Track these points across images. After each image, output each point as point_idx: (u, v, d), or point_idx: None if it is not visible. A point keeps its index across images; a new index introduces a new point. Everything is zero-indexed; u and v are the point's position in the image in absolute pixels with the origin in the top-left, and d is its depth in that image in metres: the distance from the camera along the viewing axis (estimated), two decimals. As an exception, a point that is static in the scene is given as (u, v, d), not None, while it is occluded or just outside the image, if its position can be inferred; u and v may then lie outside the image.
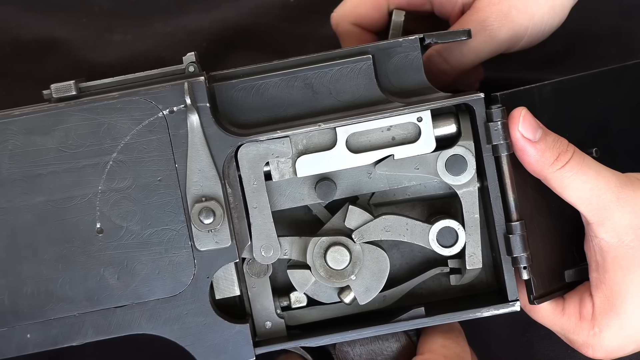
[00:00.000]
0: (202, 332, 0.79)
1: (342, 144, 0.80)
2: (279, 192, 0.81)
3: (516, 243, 0.79)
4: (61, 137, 0.78)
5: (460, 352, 0.82)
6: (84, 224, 0.78)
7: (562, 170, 0.78)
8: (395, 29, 0.88)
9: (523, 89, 0.82)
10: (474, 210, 0.81)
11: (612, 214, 0.79)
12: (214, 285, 0.82)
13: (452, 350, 0.81)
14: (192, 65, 0.80)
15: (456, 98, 0.79)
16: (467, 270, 0.81)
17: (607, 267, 0.80)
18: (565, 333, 0.83)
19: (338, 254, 0.80)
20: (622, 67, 0.89)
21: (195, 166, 0.78)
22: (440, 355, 0.81)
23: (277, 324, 0.83)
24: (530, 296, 0.80)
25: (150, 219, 0.79)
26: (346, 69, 0.81)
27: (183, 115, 0.78)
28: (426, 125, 0.79)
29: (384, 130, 0.80)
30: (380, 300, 0.84)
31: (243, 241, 0.80)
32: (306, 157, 0.80)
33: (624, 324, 0.80)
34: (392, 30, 0.88)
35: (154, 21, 1.04)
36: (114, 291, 0.79)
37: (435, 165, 0.80)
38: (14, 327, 0.79)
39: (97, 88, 0.80)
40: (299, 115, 0.80)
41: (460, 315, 0.81)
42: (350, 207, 0.81)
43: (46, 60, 1.03)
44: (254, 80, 0.80)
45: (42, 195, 0.78)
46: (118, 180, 0.78)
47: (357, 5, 0.92)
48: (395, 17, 0.88)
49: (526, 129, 0.78)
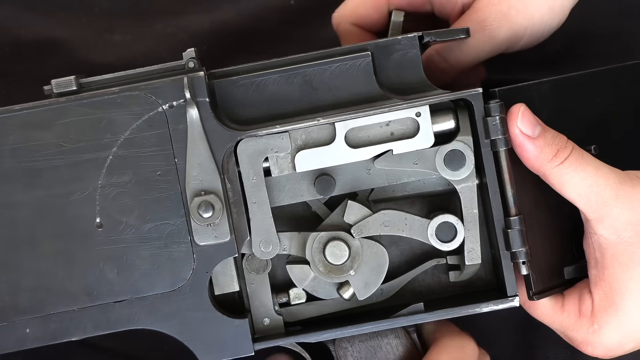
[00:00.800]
0: (201, 327, 0.79)
1: (341, 139, 0.80)
2: (278, 188, 0.81)
3: (515, 238, 0.79)
4: (61, 131, 0.78)
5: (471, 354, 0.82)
6: (83, 219, 0.79)
7: (560, 166, 0.79)
8: (394, 29, 0.88)
9: (521, 86, 0.82)
10: (473, 205, 0.81)
11: (611, 210, 0.79)
12: (213, 281, 0.82)
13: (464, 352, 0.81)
14: (192, 61, 0.80)
15: (454, 93, 0.79)
16: (466, 266, 0.81)
17: (606, 264, 0.80)
18: (565, 330, 0.83)
19: (337, 249, 0.81)
20: (620, 67, 0.89)
21: (195, 160, 0.78)
22: None
23: (275, 320, 0.83)
24: (530, 292, 0.80)
25: (149, 214, 0.79)
26: (345, 66, 0.81)
27: (183, 110, 0.78)
28: (425, 121, 0.80)
29: (382, 126, 0.80)
30: (377, 294, 0.83)
31: (242, 236, 0.80)
32: (305, 152, 0.80)
33: (623, 321, 0.80)
34: (392, 30, 0.88)
35: (154, 22, 1.04)
36: (113, 286, 0.79)
37: (434, 160, 0.80)
38: (13, 321, 0.79)
39: (97, 83, 0.80)
40: (298, 111, 0.81)
41: (459, 310, 0.81)
42: (349, 202, 0.81)
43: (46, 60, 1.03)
44: (253, 77, 0.81)
45: (42, 189, 0.78)
46: (118, 174, 0.79)
47: (357, 5, 0.93)
48: (395, 17, 0.88)
49: (525, 125, 0.78)
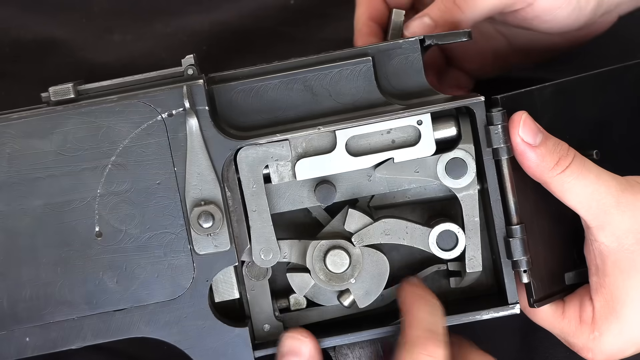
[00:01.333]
0: (201, 335, 0.79)
1: (342, 147, 0.79)
2: (279, 195, 0.81)
3: (516, 247, 0.79)
4: (59, 140, 0.78)
5: None
6: (82, 228, 0.78)
7: (562, 174, 0.78)
8: (395, 29, 0.87)
9: (523, 91, 0.82)
10: (474, 213, 0.80)
11: (612, 218, 0.78)
12: (213, 289, 0.82)
13: None
14: (191, 67, 0.80)
15: (457, 101, 0.79)
16: (467, 274, 0.81)
17: (607, 271, 0.80)
18: (565, 336, 0.83)
19: (337, 257, 0.80)
20: (622, 67, 0.89)
21: (194, 170, 0.78)
22: None
23: (276, 326, 0.83)
24: (530, 299, 0.80)
25: (149, 223, 0.78)
26: (346, 71, 0.80)
27: (182, 119, 0.78)
28: (426, 128, 0.79)
29: (383, 134, 0.80)
30: (378, 300, 0.83)
31: (242, 244, 0.80)
32: (306, 160, 0.79)
33: (624, 328, 0.80)
34: (392, 31, 0.87)
35: (154, 22, 1.04)
36: (113, 295, 0.79)
37: (435, 168, 0.80)
38: (12, 330, 0.79)
39: (95, 91, 0.80)
40: (299, 117, 0.80)
41: (460, 317, 0.80)
42: (350, 210, 0.81)
43: (46, 60, 1.03)
44: (253, 83, 0.80)
45: (40, 198, 0.78)
46: (117, 183, 0.78)
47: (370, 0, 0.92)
48: (395, 17, 0.88)
49: (526, 133, 0.78)
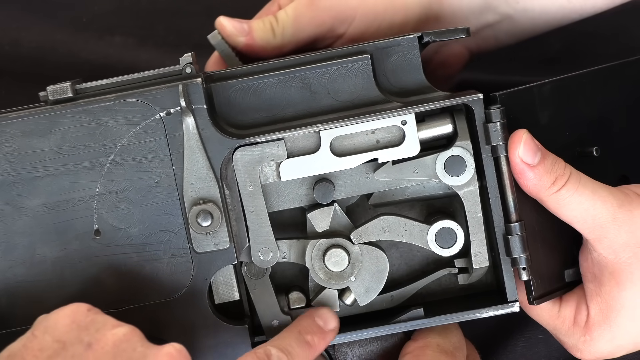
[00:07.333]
0: (200, 334, 0.79)
1: (326, 147, 0.79)
2: (277, 193, 0.81)
3: (515, 244, 0.79)
4: (58, 139, 0.78)
5: (456, 342, 0.81)
6: (81, 227, 0.78)
7: (558, 193, 0.78)
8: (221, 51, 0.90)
9: (522, 88, 0.81)
10: (477, 209, 0.80)
11: (607, 232, 0.79)
12: (213, 290, 0.82)
13: (448, 340, 0.81)
14: (189, 66, 0.80)
15: (455, 99, 0.78)
16: (474, 269, 0.81)
17: (604, 281, 0.80)
18: (557, 334, 0.84)
19: (337, 256, 0.80)
20: (622, 64, 0.88)
21: (192, 168, 0.78)
22: (434, 344, 0.80)
23: (284, 320, 0.82)
24: (530, 297, 0.80)
25: (147, 221, 0.78)
26: (344, 69, 0.80)
27: (180, 117, 0.78)
28: (410, 128, 0.79)
29: (368, 134, 0.79)
30: (387, 301, 0.83)
31: (242, 242, 0.79)
32: (290, 161, 0.79)
33: (616, 335, 0.81)
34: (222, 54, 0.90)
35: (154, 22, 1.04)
36: (111, 294, 0.79)
37: (434, 167, 0.80)
38: (11, 330, 0.78)
39: (93, 90, 0.80)
40: (297, 115, 0.80)
41: (459, 316, 0.80)
42: (307, 215, 0.81)
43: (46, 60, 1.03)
44: (251, 81, 0.80)
45: (39, 197, 0.78)
46: (115, 182, 0.78)
47: None
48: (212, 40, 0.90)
49: (526, 153, 0.78)
